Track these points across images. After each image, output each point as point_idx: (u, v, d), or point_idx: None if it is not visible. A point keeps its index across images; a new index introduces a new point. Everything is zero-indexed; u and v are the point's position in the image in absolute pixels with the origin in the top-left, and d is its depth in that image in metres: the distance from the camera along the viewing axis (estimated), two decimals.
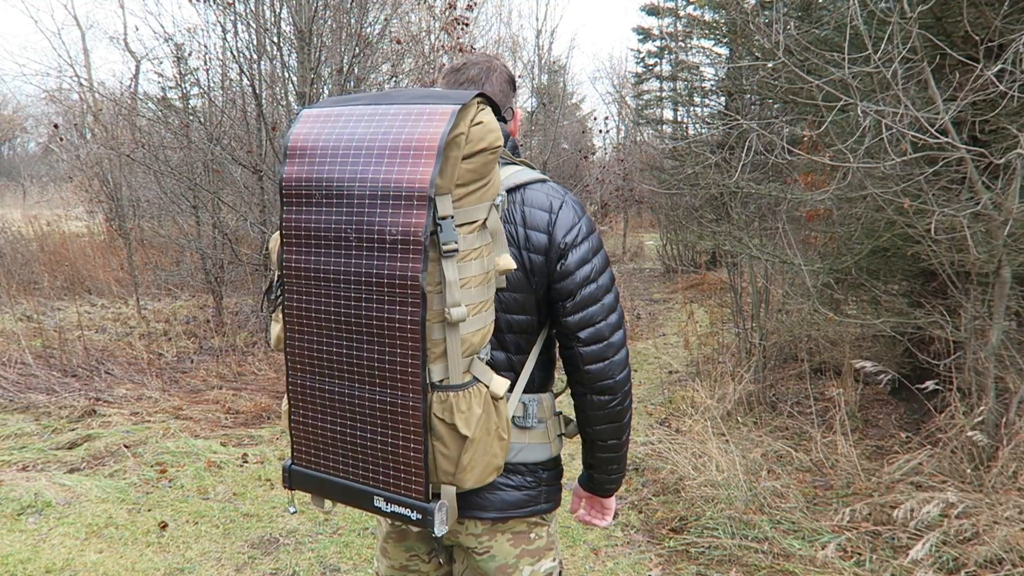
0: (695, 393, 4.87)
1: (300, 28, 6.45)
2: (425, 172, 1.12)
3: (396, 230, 1.14)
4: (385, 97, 1.24)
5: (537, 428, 1.43)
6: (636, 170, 13.82)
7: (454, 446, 1.21)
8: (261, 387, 5.75)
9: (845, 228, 4.54)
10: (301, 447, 1.33)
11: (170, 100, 8.16)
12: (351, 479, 1.28)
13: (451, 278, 1.15)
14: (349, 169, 1.18)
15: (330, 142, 1.21)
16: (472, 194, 1.19)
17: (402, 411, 1.20)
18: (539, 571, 1.48)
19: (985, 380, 3.32)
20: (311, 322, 1.25)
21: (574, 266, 1.34)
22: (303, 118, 1.26)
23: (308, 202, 1.21)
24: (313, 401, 1.29)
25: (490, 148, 1.19)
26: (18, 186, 21.68)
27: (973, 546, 2.78)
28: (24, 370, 5.86)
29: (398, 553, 1.54)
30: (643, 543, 3.31)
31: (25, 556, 3.16)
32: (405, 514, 1.22)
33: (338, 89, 6.76)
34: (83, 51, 21.30)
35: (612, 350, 1.37)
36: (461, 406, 1.20)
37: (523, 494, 1.42)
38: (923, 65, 3.14)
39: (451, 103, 1.17)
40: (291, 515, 3.57)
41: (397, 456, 1.22)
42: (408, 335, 1.16)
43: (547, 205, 1.36)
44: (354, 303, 1.19)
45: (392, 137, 1.17)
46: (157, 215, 9.68)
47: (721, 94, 10.25)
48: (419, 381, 1.17)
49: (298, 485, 1.35)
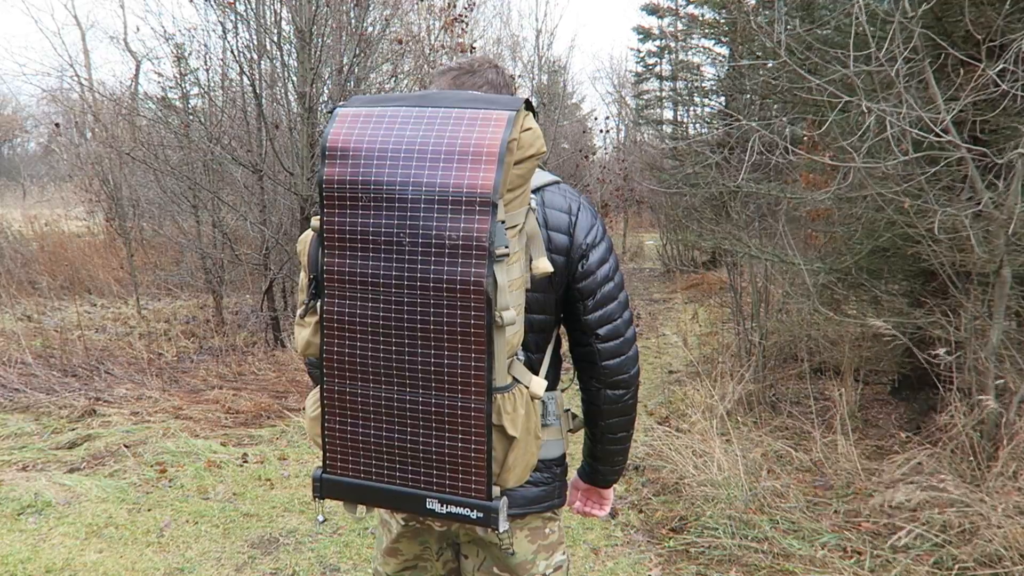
0: (695, 393, 4.87)
1: (300, 28, 6.45)
2: (487, 177, 1.12)
3: (457, 235, 1.13)
4: (429, 99, 1.22)
5: (554, 425, 1.47)
6: (636, 170, 13.83)
7: (500, 447, 1.23)
8: (261, 387, 5.75)
9: (845, 228, 4.54)
10: (336, 454, 1.30)
11: (170, 100, 8.15)
12: (397, 483, 1.27)
13: (502, 281, 1.15)
14: (401, 172, 1.16)
15: (376, 143, 1.18)
16: (517, 199, 1.20)
17: (463, 414, 1.20)
18: (552, 564, 1.53)
19: (985, 380, 3.32)
20: (354, 327, 1.23)
21: (595, 266, 1.39)
22: (340, 117, 1.23)
23: (353, 205, 1.18)
24: (353, 407, 1.27)
25: (538, 154, 1.21)
26: (18, 186, 21.69)
27: (972, 544, 2.78)
28: (24, 370, 5.86)
29: (412, 548, 1.55)
30: (643, 543, 3.31)
31: (25, 556, 3.16)
32: (464, 514, 1.23)
33: (338, 89, 6.76)
34: (83, 51, 21.27)
35: (627, 345, 1.42)
36: (507, 407, 1.21)
37: (540, 490, 1.46)
38: (924, 65, 3.13)
39: (503, 109, 1.17)
40: (320, 524, 3.54)
41: (455, 458, 1.22)
42: (472, 338, 1.16)
43: (566, 207, 1.39)
44: (407, 307, 1.18)
45: (447, 141, 1.15)
46: (157, 215, 9.68)
47: (721, 94, 10.26)
48: (483, 384, 1.17)
49: (330, 494, 1.33)
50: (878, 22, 3.21)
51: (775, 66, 3.76)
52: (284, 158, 6.89)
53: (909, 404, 4.59)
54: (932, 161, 3.19)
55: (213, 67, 7.84)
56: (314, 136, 6.71)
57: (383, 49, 7.41)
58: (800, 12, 4.42)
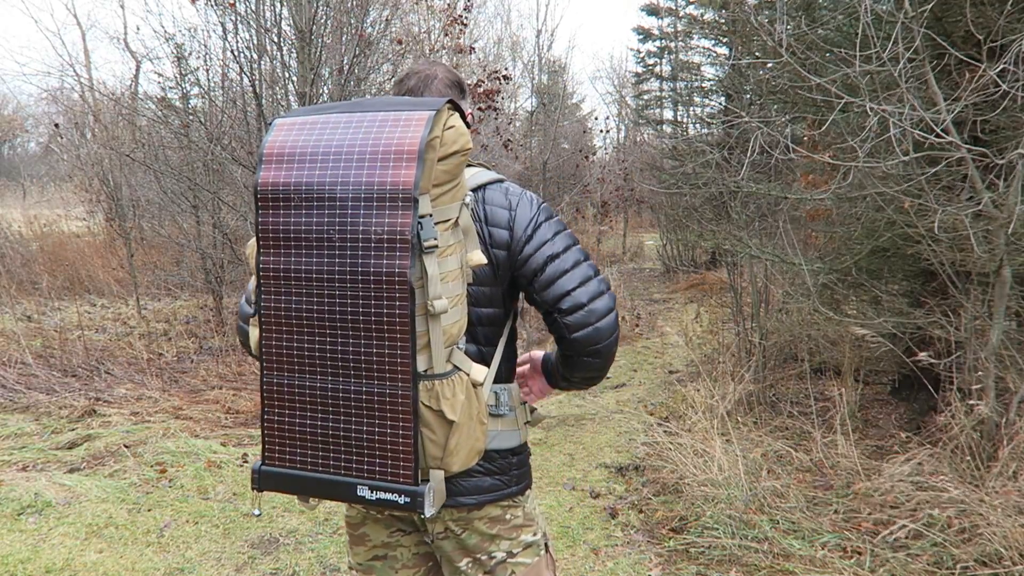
0: (695, 393, 4.87)
1: (300, 28, 6.45)
2: (408, 174, 1.20)
3: (382, 229, 1.21)
4: (358, 105, 1.32)
5: (508, 416, 1.50)
6: (636, 170, 13.82)
7: (441, 432, 1.28)
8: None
9: (845, 228, 4.54)
10: (274, 446, 1.36)
11: (170, 100, 8.15)
12: (330, 472, 1.31)
13: (432, 272, 1.23)
14: (330, 173, 1.24)
15: (307, 148, 1.27)
16: (446, 194, 1.27)
17: (391, 401, 1.25)
18: (517, 544, 1.54)
19: (985, 380, 3.32)
20: (291, 321, 1.29)
21: (533, 249, 1.42)
22: (277, 127, 1.32)
23: (286, 206, 1.26)
24: (290, 399, 1.32)
25: (462, 150, 1.28)
26: (18, 186, 21.69)
27: (972, 544, 2.78)
28: (24, 370, 5.86)
29: (378, 532, 1.56)
30: (643, 543, 3.31)
31: (25, 556, 3.16)
32: (392, 499, 1.27)
33: (338, 89, 6.76)
34: (84, 51, 21.30)
35: (595, 316, 1.41)
36: (446, 393, 1.26)
37: (495, 479, 1.49)
38: (925, 65, 3.13)
39: (425, 109, 1.25)
40: (255, 518, 3.58)
41: (384, 445, 1.27)
42: (397, 328, 1.22)
43: (506, 203, 1.45)
44: (339, 300, 1.25)
45: (372, 142, 1.24)
46: (157, 215, 9.69)
47: (721, 94, 10.26)
48: (408, 371, 1.23)
49: (268, 486, 1.37)
50: (882, 23, 3.21)
51: (775, 65, 3.76)
52: None
53: (909, 404, 4.59)
54: (932, 161, 3.19)
55: (213, 67, 7.84)
56: None
57: (383, 49, 7.41)
58: (800, 12, 4.42)
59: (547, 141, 12.05)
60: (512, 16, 38.00)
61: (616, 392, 6.07)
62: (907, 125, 3.00)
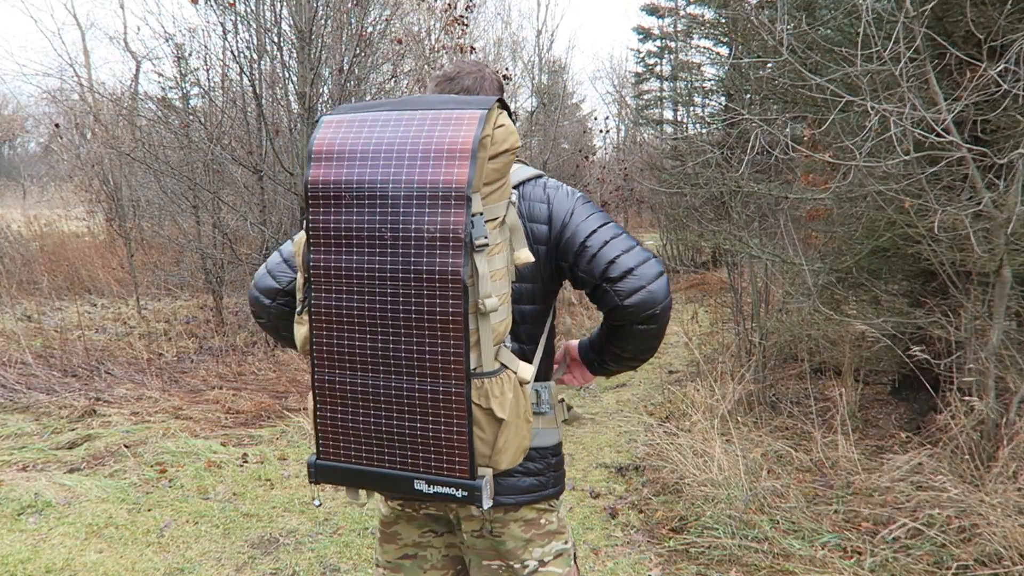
0: (695, 393, 4.87)
1: (300, 28, 6.45)
2: (461, 172, 1.20)
3: (435, 227, 1.21)
4: (407, 103, 1.31)
5: (548, 414, 1.51)
6: (636, 170, 13.82)
7: (490, 429, 1.28)
8: (261, 387, 5.75)
9: (845, 228, 4.54)
10: (328, 441, 1.36)
11: (170, 100, 8.15)
12: (386, 467, 1.32)
13: (483, 271, 1.23)
14: (381, 171, 1.24)
15: (358, 146, 1.26)
16: (495, 192, 1.27)
17: (444, 398, 1.26)
18: (549, 552, 1.54)
19: (985, 380, 3.32)
20: (341, 319, 1.29)
21: (572, 230, 1.43)
22: (325, 124, 1.31)
23: (337, 204, 1.26)
24: (343, 396, 1.33)
25: (512, 149, 1.28)
26: (18, 186, 21.70)
27: (972, 544, 2.78)
28: (24, 370, 5.86)
29: (410, 532, 1.58)
30: (643, 543, 3.31)
31: (25, 556, 3.16)
32: (449, 493, 1.28)
33: (338, 89, 6.75)
34: (83, 51, 21.29)
35: (646, 279, 1.39)
36: (495, 391, 1.27)
37: (534, 479, 1.50)
38: (925, 65, 3.13)
39: (476, 108, 1.26)
40: (316, 507, 3.63)
41: (439, 441, 1.28)
42: (450, 326, 1.22)
43: (544, 197, 1.47)
44: (390, 298, 1.25)
45: (424, 140, 1.24)
46: (157, 215, 9.69)
47: (721, 94, 10.25)
48: (462, 369, 1.24)
49: (324, 478, 1.39)
50: (882, 23, 3.21)
51: (776, 65, 3.76)
52: (284, 158, 6.89)
53: (909, 404, 4.59)
54: (933, 161, 3.19)
55: (213, 67, 7.85)
56: None
57: (383, 49, 7.41)
58: (801, 11, 4.42)
59: (547, 141, 12.04)
60: (512, 16, 37.96)
61: (616, 392, 6.07)
62: (908, 124, 3.00)
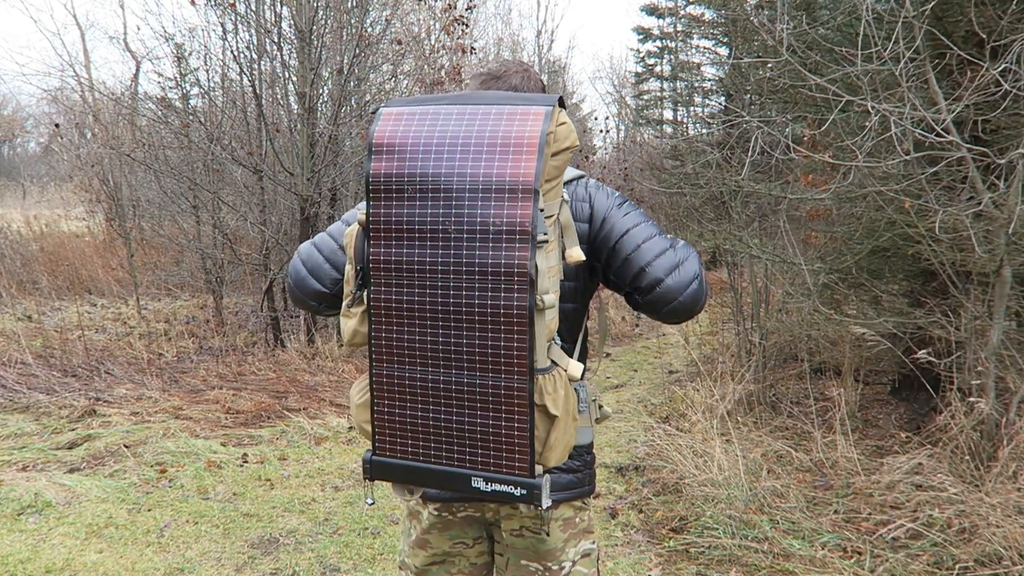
0: (695, 393, 4.87)
1: (300, 28, 6.45)
2: (529, 166, 1.19)
3: (501, 221, 1.19)
4: (468, 98, 1.31)
5: (585, 412, 1.52)
6: (636, 170, 13.81)
7: (543, 427, 1.26)
8: (261, 387, 5.75)
9: (845, 228, 4.54)
10: (385, 437, 1.35)
11: (170, 100, 8.15)
12: (443, 464, 1.31)
13: (542, 267, 1.21)
14: (445, 164, 1.22)
15: (420, 138, 1.25)
16: (552, 189, 1.27)
17: (506, 394, 1.24)
18: (580, 551, 1.57)
19: (985, 380, 3.32)
20: (401, 313, 1.28)
21: (607, 230, 1.45)
22: (384, 116, 1.30)
23: (399, 197, 1.25)
24: (401, 390, 1.31)
25: (572, 147, 1.28)
26: (18, 186, 21.70)
27: (972, 544, 2.78)
28: (24, 370, 5.86)
29: (442, 542, 1.59)
30: (643, 543, 3.31)
31: (25, 556, 3.16)
32: (507, 491, 1.26)
33: (338, 89, 6.76)
34: (83, 51, 21.28)
35: (678, 291, 1.41)
36: (548, 388, 1.25)
37: (573, 477, 1.52)
38: (925, 65, 3.13)
39: (540, 105, 1.25)
40: (369, 506, 3.62)
41: (499, 437, 1.26)
42: (515, 321, 1.20)
43: (586, 196, 1.49)
44: (453, 293, 1.23)
45: (489, 134, 1.23)
46: (157, 215, 9.68)
47: (721, 94, 10.25)
48: (526, 364, 1.22)
49: (380, 475, 1.37)
50: (882, 23, 3.21)
51: (776, 65, 3.75)
52: (284, 158, 6.89)
53: (909, 404, 4.59)
54: (933, 161, 3.19)
55: (213, 67, 7.85)
56: (314, 136, 6.71)
57: (383, 49, 7.41)
58: (801, 11, 4.42)
59: None
60: (512, 16, 37.96)
61: (616, 392, 6.07)
62: (908, 124, 3.00)
